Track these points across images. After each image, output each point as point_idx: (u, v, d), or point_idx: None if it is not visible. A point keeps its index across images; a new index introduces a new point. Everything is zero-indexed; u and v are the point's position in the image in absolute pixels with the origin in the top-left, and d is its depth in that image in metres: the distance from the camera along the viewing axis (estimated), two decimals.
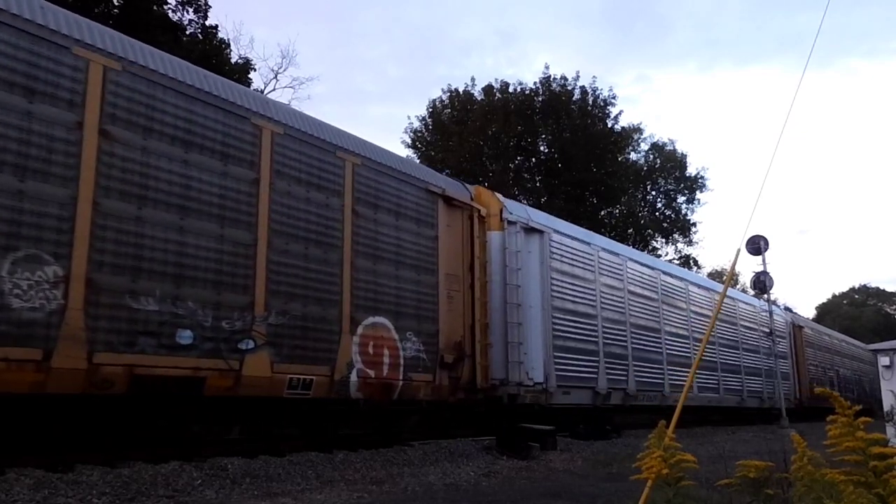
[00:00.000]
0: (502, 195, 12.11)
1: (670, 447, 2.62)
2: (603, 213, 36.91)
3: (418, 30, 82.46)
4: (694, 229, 41.77)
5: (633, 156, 39.47)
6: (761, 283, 20.33)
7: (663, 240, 41.64)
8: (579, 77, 35.15)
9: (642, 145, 40.23)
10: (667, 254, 41.28)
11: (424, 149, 35.06)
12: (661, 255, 38.98)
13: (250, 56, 40.87)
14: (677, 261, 40.16)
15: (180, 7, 20.97)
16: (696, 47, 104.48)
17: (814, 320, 47.57)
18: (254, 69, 24.49)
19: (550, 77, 34.40)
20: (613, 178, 34.54)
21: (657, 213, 41.37)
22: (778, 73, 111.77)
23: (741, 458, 3.18)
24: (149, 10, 19.26)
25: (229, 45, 23.28)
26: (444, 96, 35.64)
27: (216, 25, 22.01)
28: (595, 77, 51.96)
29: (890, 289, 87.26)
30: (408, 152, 34.80)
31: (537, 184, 35.19)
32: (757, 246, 18.86)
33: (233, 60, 23.17)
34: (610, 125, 35.02)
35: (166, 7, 20.46)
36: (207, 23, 21.62)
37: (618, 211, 37.95)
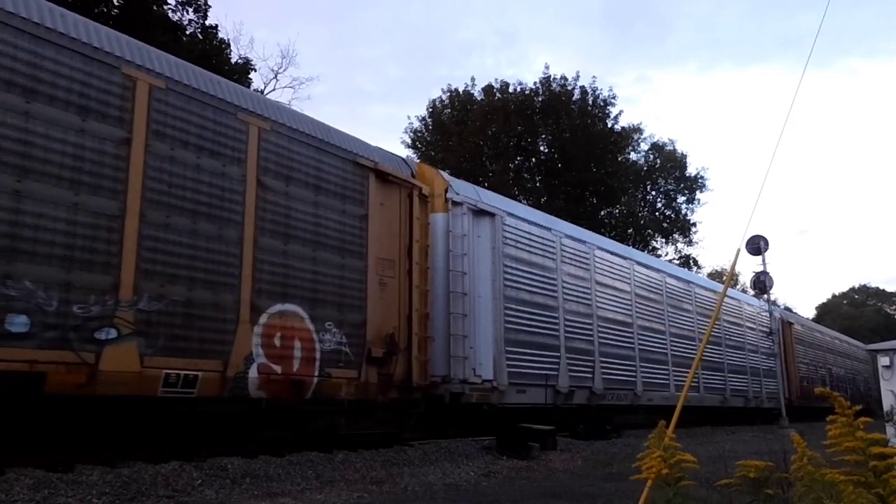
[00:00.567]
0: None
1: (670, 447, 2.62)
2: (603, 213, 36.95)
3: (418, 30, 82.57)
4: (694, 229, 41.89)
5: (633, 156, 39.59)
6: (761, 284, 20.34)
7: (663, 240, 41.73)
8: (579, 77, 35.34)
9: (642, 145, 40.37)
10: (667, 254, 41.35)
11: (424, 149, 35.10)
12: (661, 256, 39.01)
13: (250, 56, 40.85)
14: (677, 261, 40.18)
15: (180, 7, 21.00)
16: (697, 47, 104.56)
17: (814, 320, 47.62)
18: (254, 69, 24.53)
19: (550, 77, 34.54)
20: (613, 178, 34.58)
21: (657, 213, 41.41)
22: (778, 73, 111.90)
23: (741, 458, 3.18)
24: (149, 9, 19.27)
25: (229, 45, 23.33)
26: (444, 96, 35.79)
27: (216, 25, 22.07)
28: (595, 77, 52.02)
29: (890, 289, 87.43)
30: (408, 152, 34.85)
31: (537, 184, 35.23)
32: (757, 246, 18.88)
33: (233, 60, 23.18)
34: (610, 125, 35.11)
35: (166, 7, 20.48)
36: (207, 23, 21.66)
37: (618, 211, 37.97)
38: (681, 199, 41.54)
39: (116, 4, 19.04)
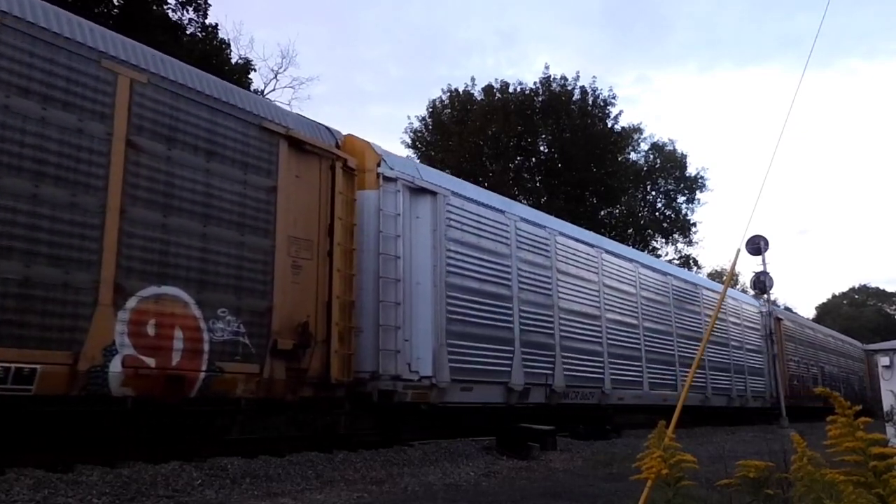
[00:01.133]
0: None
1: (670, 447, 2.62)
2: (603, 213, 36.94)
3: (419, 30, 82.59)
4: (694, 229, 41.83)
5: (633, 156, 39.57)
6: (761, 284, 20.38)
7: (663, 240, 41.71)
8: (579, 77, 35.30)
9: (642, 145, 40.36)
10: (667, 254, 41.34)
11: (424, 149, 35.11)
12: (661, 255, 39.02)
13: (250, 56, 40.80)
14: (677, 261, 40.19)
15: (180, 7, 20.98)
16: (697, 48, 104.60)
17: (814, 320, 47.59)
18: (254, 69, 24.47)
19: (550, 77, 34.52)
20: (613, 178, 34.58)
21: (657, 213, 41.39)
22: (778, 73, 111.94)
23: (741, 458, 3.18)
24: (149, 9, 19.27)
25: (229, 45, 23.27)
26: (444, 96, 35.77)
27: (216, 25, 22.04)
28: (595, 77, 51.98)
29: (890, 289, 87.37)
30: (408, 152, 34.87)
31: (537, 184, 35.24)
32: (757, 246, 18.92)
33: (233, 61, 23.17)
34: (610, 125, 35.10)
35: (166, 7, 20.46)
36: (207, 22, 21.65)
37: (618, 211, 37.97)
38: (681, 199, 41.58)
39: (116, 4, 19.05)
